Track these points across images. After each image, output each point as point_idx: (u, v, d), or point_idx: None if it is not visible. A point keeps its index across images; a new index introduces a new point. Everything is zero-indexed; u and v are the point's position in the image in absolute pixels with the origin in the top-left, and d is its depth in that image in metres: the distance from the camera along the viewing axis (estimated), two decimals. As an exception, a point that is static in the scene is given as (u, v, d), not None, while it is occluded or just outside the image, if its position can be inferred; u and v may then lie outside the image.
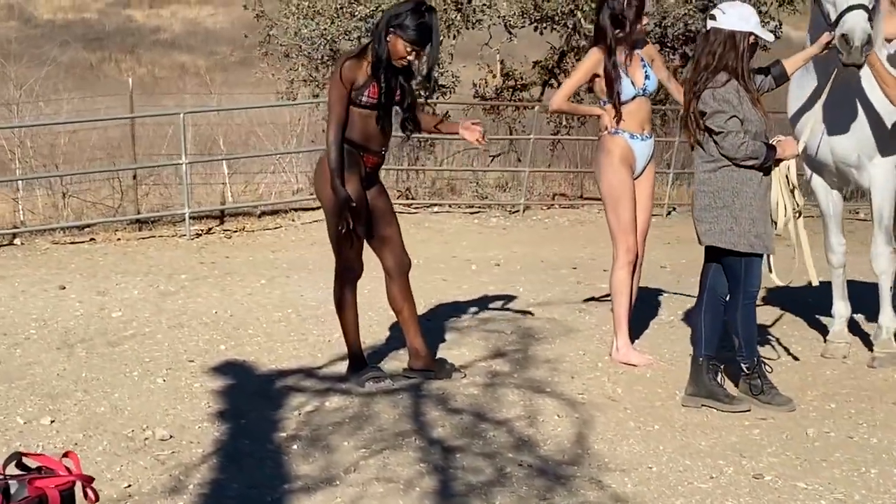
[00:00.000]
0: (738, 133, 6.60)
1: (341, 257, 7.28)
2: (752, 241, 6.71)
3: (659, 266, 12.66)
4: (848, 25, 6.99)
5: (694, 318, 7.15)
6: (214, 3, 62.59)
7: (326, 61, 19.38)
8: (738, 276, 6.80)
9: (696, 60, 6.80)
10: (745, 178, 6.70)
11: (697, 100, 6.70)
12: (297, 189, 18.39)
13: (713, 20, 6.72)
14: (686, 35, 21.06)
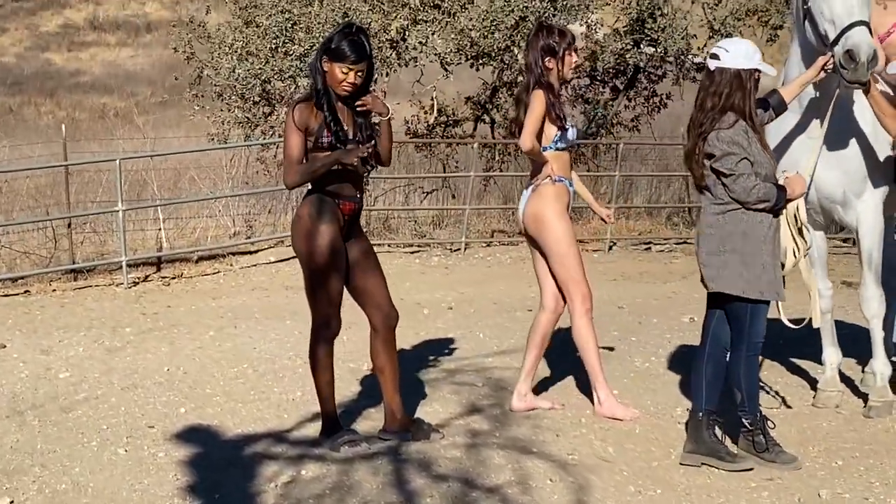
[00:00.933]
0: (749, 176, 6.36)
1: (318, 313, 6.91)
2: (762, 288, 6.44)
3: (616, 307, 12.44)
4: (853, 41, 6.79)
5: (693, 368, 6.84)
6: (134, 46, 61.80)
7: (260, 102, 19.06)
8: (743, 326, 6.52)
9: (700, 101, 6.54)
10: (755, 220, 6.44)
11: (704, 142, 6.45)
12: (233, 233, 17.98)
13: (716, 59, 6.48)
14: (616, 69, 21.06)
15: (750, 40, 6.89)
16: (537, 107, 7.39)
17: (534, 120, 7.39)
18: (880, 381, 7.68)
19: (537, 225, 7.59)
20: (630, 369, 9.07)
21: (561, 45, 7.48)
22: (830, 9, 6.97)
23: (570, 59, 7.52)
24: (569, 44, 7.52)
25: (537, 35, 7.57)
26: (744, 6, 18.80)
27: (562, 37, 7.53)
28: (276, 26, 18.39)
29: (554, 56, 7.46)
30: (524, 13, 18.14)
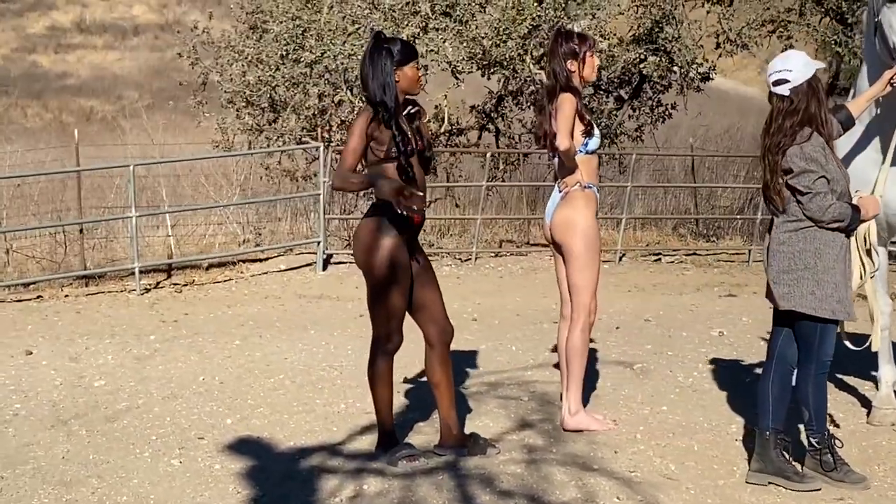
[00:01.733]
0: (826, 195, 6.31)
1: (380, 326, 6.82)
2: (834, 307, 6.38)
3: (643, 320, 12.39)
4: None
5: (759, 386, 6.76)
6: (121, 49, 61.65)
7: (266, 109, 18.96)
8: (812, 344, 6.47)
9: (777, 124, 6.46)
10: (828, 239, 6.39)
11: (783, 156, 6.39)
12: (243, 240, 17.87)
13: (786, 83, 6.41)
14: (621, 78, 21.05)
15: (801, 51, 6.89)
16: (568, 108, 7.32)
17: (567, 121, 7.31)
18: (940, 401, 7.63)
19: (567, 231, 7.52)
20: (675, 384, 8.99)
21: (582, 47, 7.45)
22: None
23: (591, 61, 7.49)
24: (590, 46, 7.50)
25: (557, 41, 7.53)
26: (760, 17, 18.78)
27: (582, 40, 7.50)
28: (286, 33, 18.28)
29: (576, 58, 7.43)
30: (536, 21, 18.08)
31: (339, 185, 6.85)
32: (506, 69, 18.75)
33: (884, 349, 7.89)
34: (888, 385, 7.91)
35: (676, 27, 19.15)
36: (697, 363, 9.79)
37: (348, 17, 18.30)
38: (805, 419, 6.61)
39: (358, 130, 6.72)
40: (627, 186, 18.98)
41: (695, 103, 22.53)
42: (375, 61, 6.79)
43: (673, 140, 25.44)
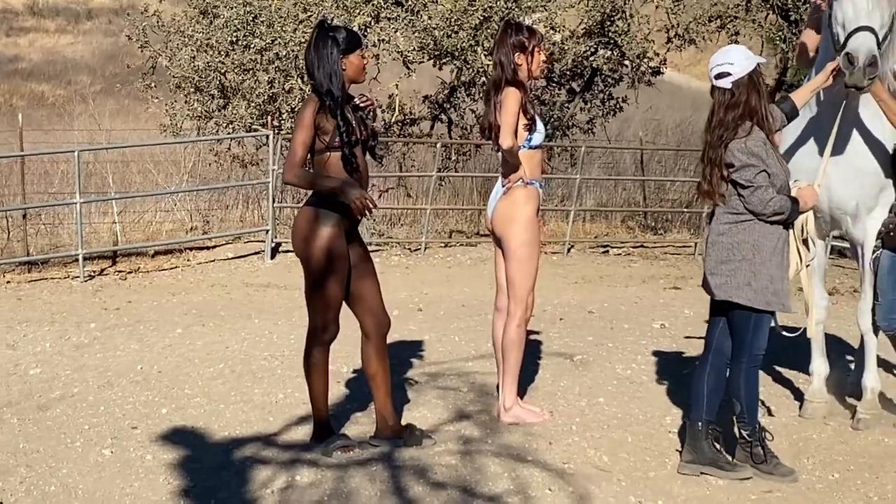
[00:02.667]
0: (767, 188, 6.35)
1: (317, 316, 6.78)
2: (769, 299, 6.42)
3: (586, 311, 12.41)
4: (853, 45, 6.85)
5: (694, 378, 6.80)
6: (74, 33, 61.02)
7: (216, 95, 18.83)
8: (745, 336, 6.50)
9: (718, 118, 6.48)
10: (767, 231, 6.42)
11: (725, 150, 6.41)
12: (190, 228, 17.75)
13: (728, 76, 6.45)
14: (573, 71, 21.07)
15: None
16: (513, 104, 7.28)
17: (511, 117, 7.27)
18: (870, 394, 7.68)
19: (506, 226, 7.50)
20: (613, 376, 9.02)
21: (531, 41, 7.41)
22: (843, 13, 7.02)
23: (539, 57, 7.46)
24: (538, 41, 7.47)
25: (506, 32, 7.49)
26: (707, 12, 18.86)
27: (531, 34, 7.47)
28: (236, 19, 18.17)
29: (524, 52, 7.39)
30: (488, 13, 18.06)
31: (292, 181, 6.77)
32: (458, 60, 18.72)
33: (817, 343, 7.95)
34: (820, 378, 7.97)
35: (627, 21, 19.17)
36: (637, 355, 9.82)
37: (299, 4, 18.22)
38: (737, 411, 6.63)
39: (306, 121, 6.67)
40: (577, 179, 18.99)
41: (647, 97, 22.62)
42: (321, 50, 6.74)
43: (625, 133, 25.53)
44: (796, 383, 8.77)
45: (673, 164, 22.66)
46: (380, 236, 18.16)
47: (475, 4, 17.99)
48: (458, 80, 20.57)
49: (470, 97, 21.03)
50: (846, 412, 7.95)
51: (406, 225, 19.41)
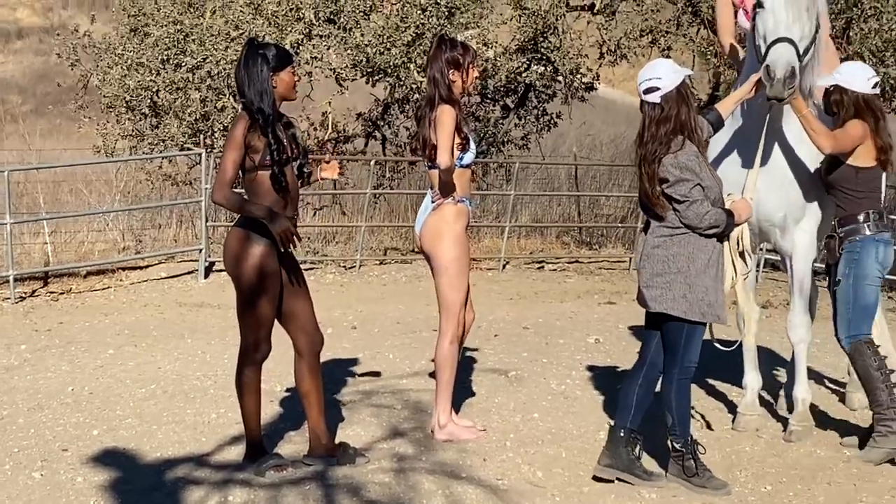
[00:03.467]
0: (702, 202, 6.40)
1: (249, 335, 6.75)
2: (704, 310, 6.47)
3: (521, 327, 12.43)
4: (771, 57, 6.94)
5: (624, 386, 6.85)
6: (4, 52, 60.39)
7: (148, 114, 18.69)
8: (678, 348, 6.55)
9: (650, 132, 6.52)
10: (701, 244, 6.48)
11: (659, 165, 6.44)
12: (122, 247, 17.58)
13: (657, 90, 6.50)
14: (507, 87, 21.12)
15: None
16: (448, 122, 7.31)
17: (448, 137, 7.32)
18: (801, 405, 7.75)
19: (434, 243, 7.52)
20: (547, 392, 9.04)
21: (465, 58, 7.45)
22: (764, 25, 7.11)
23: (473, 73, 7.49)
24: (473, 57, 7.50)
25: (441, 48, 7.52)
26: (637, 27, 18.99)
27: (465, 50, 7.51)
28: (167, 37, 18.06)
29: (459, 69, 7.42)
30: (420, 30, 18.09)
31: (221, 202, 6.72)
32: (391, 77, 18.71)
33: (750, 356, 8.03)
34: (753, 391, 8.04)
35: (559, 37, 19.27)
36: (571, 370, 9.85)
37: (231, 22, 18.13)
38: (668, 424, 6.66)
39: (237, 140, 6.63)
40: (511, 195, 19.04)
41: (581, 112, 22.71)
42: (251, 68, 6.72)
43: (560, 149, 25.60)
44: (729, 396, 8.84)
45: (607, 179, 22.75)
46: (314, 254, 18.08)
47: (407, 21, 18.00)
48: (392, 96, 20.54)
49: (403, 114, 21.01)
50: (779, 425, 8.02)
51: (341, 243, 19.33)
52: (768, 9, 7.09)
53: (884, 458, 7.16)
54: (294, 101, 7.17)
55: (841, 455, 7.46)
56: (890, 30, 16.54)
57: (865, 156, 7.33)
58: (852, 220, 7.36)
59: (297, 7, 18.03)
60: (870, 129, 7.30)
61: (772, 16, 7.07)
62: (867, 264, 7.32)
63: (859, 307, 7.35)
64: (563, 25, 19.52)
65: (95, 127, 18.91)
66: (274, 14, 18.12)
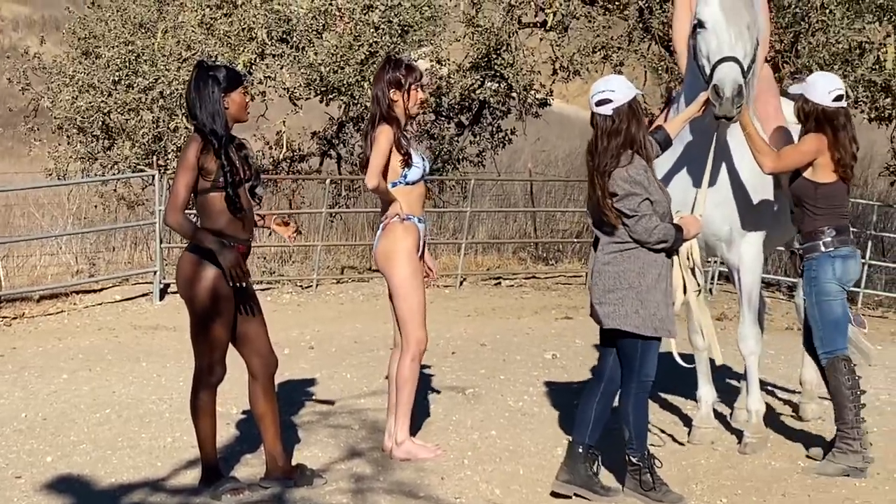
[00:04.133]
0: (651, 216, 6.43)
1: (203, 358, 6.71)
2: (656, 325, 6.50)
3: (479, 344, 12.43)
4: (718, 76, 6.97)
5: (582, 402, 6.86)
6: (-45, 73, 59.98)
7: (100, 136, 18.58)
8: (633, 363, 6.57)
9: (601, 146, 6.54)
10: (651, 259, 6.51)
11: (609, 179, 6.46)
12: (76, 271, 17.47)
13: (608, 103, 6.53)
14: (461, 104, 21.15)
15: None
16: (383, 142, 7.35)
17: (379, 156, 7.35)
18: (755, 417, 7.80)
19: (386, 263, 7.54)
20: (505, 409, 9.04)
21: (408, 78, 7.45)
22: (707, 45, 7.15)
23: (415, 95, 7.49)
24: (416, 79, 7.50)
25: (384, 68, 7.55)
26: (590, 43, 19.07)
27: (409, 71, 7.50)
28: (118, 58, 17.98)
29: (400, 89, 7.43)
30: (374, 48, 18.10)
31: (174, 226, 6.69)
32: (345, 95, 18.70)
33: (703, 369, 8.07)
34: (707, 404, 8.08)
35: (512, 54, 19.33)
36: (528, 387, 9.86)
37: (183, 42, 18.08)
38: (626, 438, 6.67)
39: (189, 162, 6.60)
40: (468, 211, 19.07)
41: (536, 128, 22.80)
42: (202, 90, 6.70)
43: (515, 165, 25.70)
44: (684, 409, 8.87)
45: (563, 194, 22.88)
46: (270, 274, 18.04)
47: (360, 40, 18.02)
48: (346, 115, 20.54)
49: (358, 132, 20.97)
50: (734, 438, 8.05)
51: (297, 262, 19.29)
52: (710, 29, 7.13)
53: (839, 474, 7.20)
54: (246, 121, 7.14)
55: (795, 466, 7.51)
56: (837, 42, 16.68)
57: (824, 170, 7.32)
58: (811, 237, 7.39)
59: (249, 27, 18.01)
60: (829, 142, 7.30)
61: (714, 35, 7.11)
62: (824, 282, 7.35)
63: (827, 324, 7.37)
64: (515, 42, 19.61)
65: (47, 150, 18.81)
66: (226, 34, 18.10)
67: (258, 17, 17.95)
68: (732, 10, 7.12)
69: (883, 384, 10.25)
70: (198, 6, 18.29)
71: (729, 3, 7.12)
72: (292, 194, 21.04)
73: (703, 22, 7.18)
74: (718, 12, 7.12)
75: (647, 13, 18.39)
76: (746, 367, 7.90)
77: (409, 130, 7.68)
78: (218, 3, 18.27)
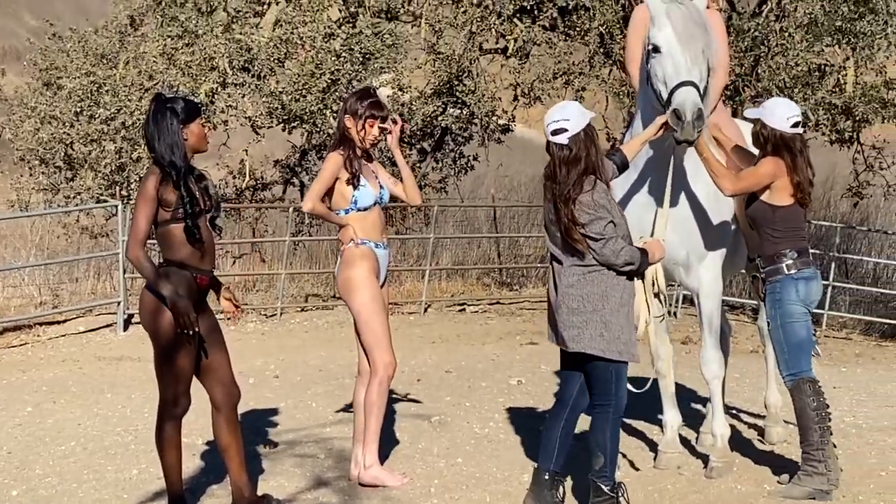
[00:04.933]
0: (616, 239, 6.47)
1: (167, 390, 6.70)
2: (621, 349, 6.52)
3: (444, 371, 12.44)
4: (678, 100, 7.01)
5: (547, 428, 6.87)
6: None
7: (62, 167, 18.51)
8: (609, 387, 6.58)
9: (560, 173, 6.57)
10: (614, 282, 6.54)
11: (575, 206, 6.48)
12: (39, 302, 17.37)
13: (564, 132, 6.57)
14: (424, 131, 21.20)
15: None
16: (325, 167, 7.50)
17: (319, 182, 7.51)
18: (720, 441, 7.83)
19: (345, 290, 7.60)
20: (471, 436, 9.05)
21: (366, 111, 7.51)
22: (663, 70, 7.20)
23: (370, 129, 7.53)
24: (372, 114, 7.52)
25: (348, 98, 7.69)
26: (550, 70, 19.17)
27: (371, 106, 7.55)
28: (80, 89, 17.94)
29: (355, 117, 7.50)
30: (335, 76, 18.14)
31: (134, 262, 6.67)
32: (307, 123, 18.71)
33: (668, 394, 8.10)
34: (673, 429, 8.10)
35: (474, 80, 19.42)
36: (494, 413, 9.88)
37: (144, 72, 18.06)
38: (598, 465, 6.63)
39: (149, 194, 6.60)
40: (431, 238, 19.10)
41: (499, 154, 22.87)
42: (160, 122, 6.70)
43: (479, 191, 25.74)
44: (649, 434, 8.91)
45: (526, 219, 22.93)
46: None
47: (322, 68, 18.04)
48: (309, 143, 20.55)
49: (321, 160, 20.97)
50: (700, 462, 8.09)
51: (261, 291, 19.25)
52: (666, 53, 7.18)
53: (805, 497, 7.23)
54: (206, 152, 7.14)
55: (762, 490, 7.53)
56: (796, 65, 16.85)
57: (781, 194, 7.37)
58: (772, 260, 7.44)
59: (210, 56, 18.00)
60: (787, 166, 7.36)
61: (671, 59, 7.16)
62: (788, 304, 7.39)
63: (792, 346, 7.41)
64: (477, 69, 19.69)
65: (9, 181, 18.71)
66: (187, 64, 18.07)
67: (219, 47, 17.94)
68: (687, 34, 7.18)
69: (847, 406, 10.34)
70: (159, 36, 18.27)
71: (683, 28, 7.18)
72: (255, 222, 21.03)
73: (657, 46, 7.23)
74: (673, 37, 7.18)
75: (607, 38, 18.49)
76: (710, 392, 7.93)
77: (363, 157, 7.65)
78: (179, 33, 18.25)
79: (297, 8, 18.50)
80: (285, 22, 18.47)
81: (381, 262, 7.64)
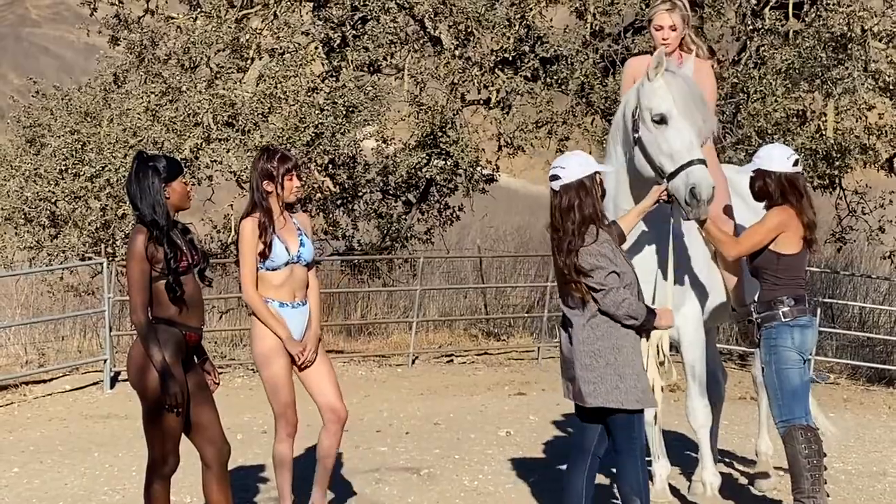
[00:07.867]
0: (618, 289, 6.49)
1: (156, 449, 6.69)
2: (639, 397, 6.60)
3: (432, 423, 12.40)
4: (696, 178, 6.95)
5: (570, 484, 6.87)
6: None
7: (47, 225, 18.51)
8: (632, 434, 6.64)
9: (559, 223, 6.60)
10: (622, 333, 6.59)
11: (577, 257, 6.50)
12: (25, 361, 17.30)
13: (557, 179, 6.61)
14: (408, 182, 21.25)
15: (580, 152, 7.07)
16: (243, 242, 7.42)
17: (244, 260, 7.44)
18: (710, 490, 7.84)
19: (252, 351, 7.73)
20: (460, 489, 9.03)
21: (280, 169, 7.42)
22: (669, 144, 7.12)
23: (289, 184, 7.46)
24: (287, 169, 7.45)
25: (259, 158, 7.56)
26: (531, 119, 19.28)
27: (282, 161, 7.47)
28: (64, 147, 17.97)
29: (272, 180, 7.44)
30: (319, 129, 18.20)
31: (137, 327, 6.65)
32: (292, 177, 18.70)
33: (657, 443, 8.08)
34: (662, 479, 8.09)
35: (457, 131, 19.51)
36: (484, 465, 9.85)
37: (129, 129, 18.08)
38: None
39: (139, 253, 6.61)
40: (418, 289, 19.11)
41: (484, 204, 22.93)
42: (142, 181, 6.72)
43: (464, 241, 25.80)
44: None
45: (512, 269, 22.97)
46: (222, 358, 17.95)
47: (306, 122, 18.10)
48: (294, 196, 20.55)
49: (307, 213, 21.00)
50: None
51: (248, 345, 19.16)
52: (673, 126, 7.13)
53: None
54: (189, 209, 7.14)
55: (752, 538, 7.53)
56: (774, 111, 16.96)
57: (788, 242, 7.37)
58: (769, 306, 7.43)
59: (194, 112, 18.04)
60: (795, 209, 7.36)
61: (678, 134, 7.10)
62: (784, 350, 7.38)
63: (786, 392, 7.40)
64: (460, 120, 19.79)
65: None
66: (171, 120, 18.09)
67: (203, 103, 17.99)
68: (692, 106, 7.15)
69: (836, 452, 10.32)
70: (143, 93, 18.33)
71: (684, 100, 7.14)
72: (241, 277, 20.98)
73: (664, 117, 7.15)
74: (679, 108, 7.14)
75: (587, 88, 18.61)
76: (699, 440, 7.93)
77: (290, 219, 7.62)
78: (163, 89, 18.31)
79: (280, 63, 18.56)
80: (268, 77, 18.55)
81: (291, 322, 7.55)
